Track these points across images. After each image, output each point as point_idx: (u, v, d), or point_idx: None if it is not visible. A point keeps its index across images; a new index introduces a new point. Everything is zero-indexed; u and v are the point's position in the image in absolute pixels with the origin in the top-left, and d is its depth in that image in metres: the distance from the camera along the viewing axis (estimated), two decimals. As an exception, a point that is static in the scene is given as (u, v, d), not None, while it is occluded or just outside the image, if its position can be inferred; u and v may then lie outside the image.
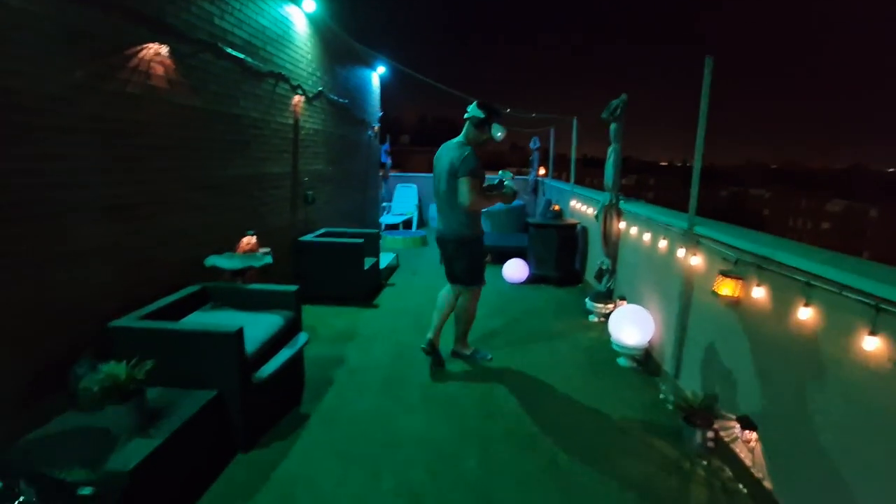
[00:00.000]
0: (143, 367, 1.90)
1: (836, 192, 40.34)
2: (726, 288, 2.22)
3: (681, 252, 2.81)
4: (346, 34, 5.76)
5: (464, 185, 2.84)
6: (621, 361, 3.34)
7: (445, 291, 3.27)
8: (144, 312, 2.36)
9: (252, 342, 2.37)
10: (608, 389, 2.97)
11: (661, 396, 2.87)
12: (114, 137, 2.32)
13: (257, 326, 2.55)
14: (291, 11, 4.31)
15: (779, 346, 1.97)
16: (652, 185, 48.25)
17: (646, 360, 3.32)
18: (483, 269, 3.17)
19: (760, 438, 2.05)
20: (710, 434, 2.31)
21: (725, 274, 2.23)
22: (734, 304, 2.25)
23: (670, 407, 2.75)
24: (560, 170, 9.25)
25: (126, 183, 2.41)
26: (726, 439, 2.28)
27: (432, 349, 3.24)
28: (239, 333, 2.19)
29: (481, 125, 2.96)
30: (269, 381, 2.39)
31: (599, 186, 5.07)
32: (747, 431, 2.07)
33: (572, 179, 6.50)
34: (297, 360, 2.80)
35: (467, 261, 3.06)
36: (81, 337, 2.15)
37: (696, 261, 2.65)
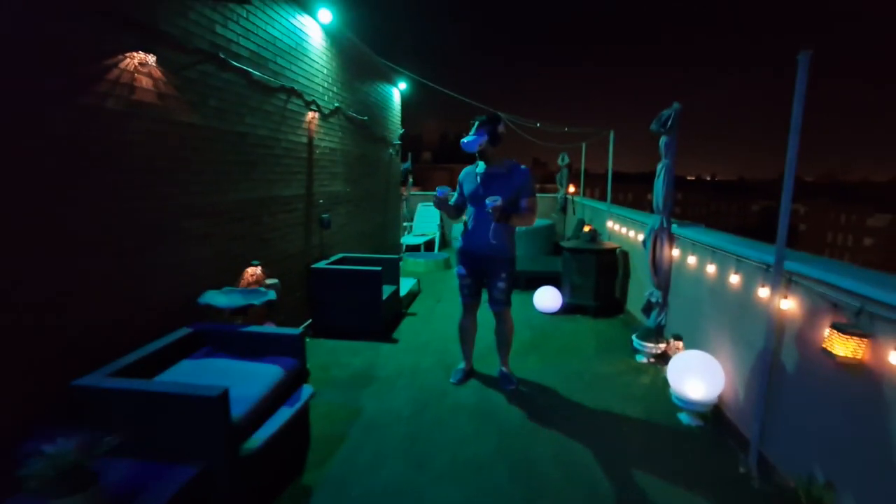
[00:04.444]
0: (99, 448, 1.51)
1: (878, 206, 38.27)
2: (843, 348, 1.71)
3: (763, 292, 2.30)
4: (365, 48, 5.47)
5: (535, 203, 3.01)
6: (683, 418, 2.81)
7: (467, 320, 3.30)
8: (118, 367, 1.98)
9: (243, 402, 1.96)
10: (671, 457, 2.45)
11: (742, 470, 2.33)
12: (90, 160, 1.97)
13: (252, 380, 2.15)
14: (306, 22, 4.01)
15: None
16: (679, 200, 46.88)
17: (715, 417, 2.78)
18: None
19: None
20: (823, 536, 1.78)
21: (842, 329, 1.72)
22: (855, 367, 1.74)
23: (755, 486, 2.22)
24: (590, 187, 8.74)
25: (104, 211, 2.05)
26: (846, 544, 1.74)
27: (468, 376, 3.38)
28: (223, 397, 1.78)
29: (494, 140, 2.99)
30: (264, 450, 1.98)
31: (632, 204, 4.58)
32: (887, 545, 1.54)
33: (608, 198, 5.99)
34: (299, 420, 2.38)
35: (511, 281, 3.13)
36: (40, 401, 1.78)
37: (789, 304, 2.13)
